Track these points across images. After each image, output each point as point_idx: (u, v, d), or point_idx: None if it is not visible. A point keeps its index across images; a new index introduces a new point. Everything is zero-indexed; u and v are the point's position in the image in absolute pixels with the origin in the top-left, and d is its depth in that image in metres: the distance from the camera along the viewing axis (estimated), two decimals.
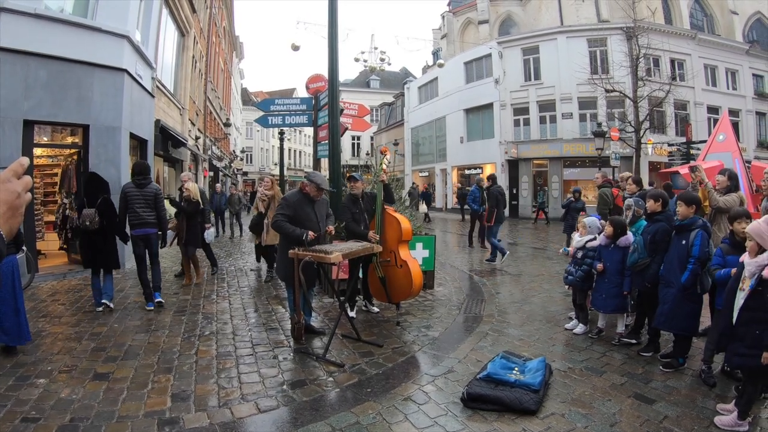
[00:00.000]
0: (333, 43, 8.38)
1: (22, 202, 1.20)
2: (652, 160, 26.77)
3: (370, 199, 7.10)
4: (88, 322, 6.76)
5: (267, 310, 7.60)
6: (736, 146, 9.45)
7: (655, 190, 6.64)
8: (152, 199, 7.46)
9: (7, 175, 1.19)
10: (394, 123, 48.16)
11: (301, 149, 69.53)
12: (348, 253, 5.55)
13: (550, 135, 29.41)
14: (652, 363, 5.34)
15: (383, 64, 21.24)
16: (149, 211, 7.41)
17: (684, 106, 28.71)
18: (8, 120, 9.02)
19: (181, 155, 19.40)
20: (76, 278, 9.58)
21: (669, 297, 5.13)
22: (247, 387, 4.68)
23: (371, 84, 61.30)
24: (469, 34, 40.74)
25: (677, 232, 5.25)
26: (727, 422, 3.88)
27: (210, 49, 27.36)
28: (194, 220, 9.37)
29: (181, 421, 3.97)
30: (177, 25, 18.43)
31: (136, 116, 11.85)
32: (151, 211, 7.42)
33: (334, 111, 8.54)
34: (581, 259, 6.46)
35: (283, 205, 5.94)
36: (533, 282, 9.88)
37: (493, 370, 4.64)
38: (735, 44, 31.24)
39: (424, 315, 7.33)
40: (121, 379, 4.80)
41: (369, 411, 4.18)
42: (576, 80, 27.34)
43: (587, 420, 4.01)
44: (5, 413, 3.99)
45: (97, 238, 7.19)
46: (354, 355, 5.55)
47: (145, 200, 7.41)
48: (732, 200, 6.17)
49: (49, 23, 9.44)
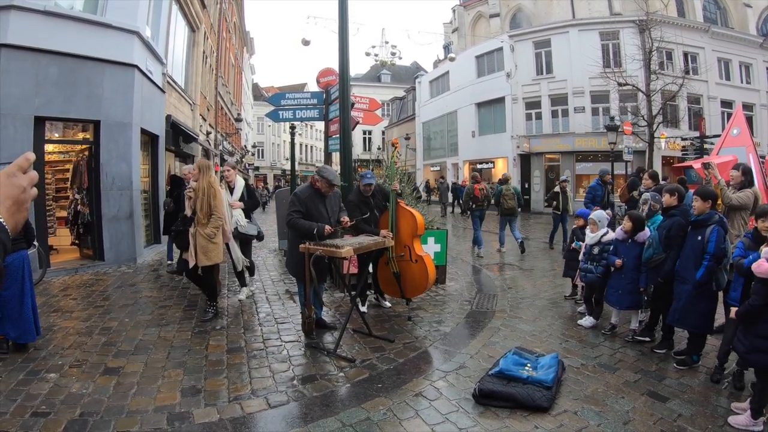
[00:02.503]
0: (344, 38, 8.33)
1: (27, 197, 1.19)
2: (665, 155, 26.49)
3: (382, 195, 7.06)
4: (99, 316, 6.79)
5: (278, 304, 7.59)
6: (751, 141, 9.32)
7: (672, 184, 6.54)
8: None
9: (12, 169, 1.17)
10: (405, 117, 48.06)
11: (312, 144, 69.68)
12: (359, 247, 5.52)
13: (562, 129, 29.18)
14: (666, 360, 5.28)
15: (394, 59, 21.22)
16: None
17: (697, 100, 28.36)
18: (19, 116, 9.08)
19: (193, 150, 19.46)
20: (88, 273, 9.64)
21: (683, 293, 5.05)
22: (257, 382, 4.67)
23: (382, 78, 61.21)
24: (480, 28, 40.48)
25: (693, 227, 5.16)
26: (741, 422, 3.82)
27: (220, 44, 27.41)
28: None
29: (191, 416, 3.97)
30: (187, 20, 18.46)
31: (147, 112, 11.89)
32: None
33: (345, 105, 8.50)
34: (599, 255, 6.38)
35: (295, 201, 5.88)
36: (545, 277, 9.82)
37: (505, 366, 4.60)
38: (749, 37, 30.79)
39: (435, 310, 7.30)
40: (132, 373, 4.81)
41: (380, 407, 4.16)
42: (588, 74, 27.07)
43: (600, 418, 3.96)
44: (15, 407, 4.01)
45: (173, 218, 8.99)
46: (365, 350, 5.53)
47: None
48: (745, 197, 6.06)
49: (60, 20, 9.49)
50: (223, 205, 6.85)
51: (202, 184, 6.54)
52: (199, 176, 6.62)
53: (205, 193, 6.53)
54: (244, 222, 7.80)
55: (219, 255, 6.69)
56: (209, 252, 6.53)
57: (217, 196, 6.64)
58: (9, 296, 5.18)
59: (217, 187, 6.76)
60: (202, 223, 6.54)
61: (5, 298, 5.14)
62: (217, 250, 6.66)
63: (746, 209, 6.08)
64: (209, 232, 6.51)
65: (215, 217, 6.57)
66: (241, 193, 7.93)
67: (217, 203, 6.61)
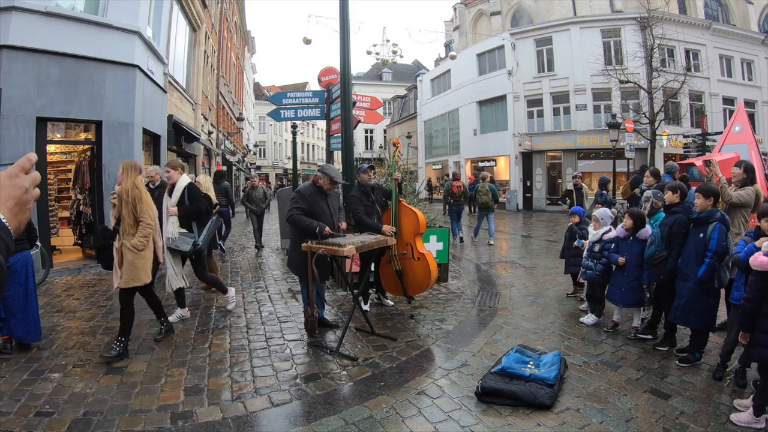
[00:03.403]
0: (345, 36, 8.33)
1: (29, 198, 1.19)
2: (667, 152, 26.46)
3: (382, 192, 7.07)
4: (103, 316, 6.81)
5: (280, 303, 7.60)
6: (753, 138, 9.33)
7: (674, 181, 6.52)
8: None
9: (14, 170, 1.18)
10: (407, 116, 48.03)
11: (314, 143, 69.64)
12: (361, 246, 5.52)
13: (564, 127, 29.15)
14: (668, 358, 5.28)
15: (395, 57, 21.14)
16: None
17: (699, 97, 28.35)
18: (21, 117, 9.09)
19: (195, 150, 19.49)
20: (91, 273, 9.65)
21: (686, 291, 5.05)
22: (260, 381, 4.68)
23: (384, 77, 61.23)
24: (482, 26, 40.43)
25: (695, 224, 5.15)
26: (743, 419, 3.82)
27: (222, 44, 27.40)
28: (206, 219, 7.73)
29: (194, 414, 3.98)
30: (188, 20, 18.48)
31: (149, 112, 11.91)
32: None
33: (347, 104, 8.51)
34: (599, 252, 6.39)
35: (297, 198, 5.90)
36: (547, 275, 9.81)
37: (507, 363, 4.60)
38: (751, 34, 30.73)
39: (437, 308, 7.30)
40: (135, 373, 4.83)
41: (382, 405, 4.17)
42: (590, 71, 27.10)
43: (602, 415, 3.97)
44: (19, 407, 4.03)
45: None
46: (367, 349, 5.54)
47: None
48: (747, 195, 6.03)
49: (61, 21, 9.50)
50: (151, 209, 5.60)
51: (125, 186, 5.44)
52: (123, 177, 5.52)
53: (129, 195, 5.38)
54: (176, 232, 6.44)
55: (147, 273, 5.49)
56: (137, 269, 5.37)
57: (144, 199, 5.49)
58: (13, 296, 5.20)
59: (143, 188, 5.59)
60: (129, 233, 5.45)
61: (9, 298, 5.17)
62: (147, 267, 5.48)
63: (747, 207, 6.06)
64: (136, 243, 5.37)
65: (143, 225, 5.42)
66: (179, 195, 6.54)
67: (143, 207, 5.44)
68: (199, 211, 6.72)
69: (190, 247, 6.44)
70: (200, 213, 6.77)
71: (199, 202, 6.69)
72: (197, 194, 6.70)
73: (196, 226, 6.73)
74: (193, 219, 6.73)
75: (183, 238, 6.46)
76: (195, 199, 6.65)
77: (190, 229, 6.69)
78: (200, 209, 6.73)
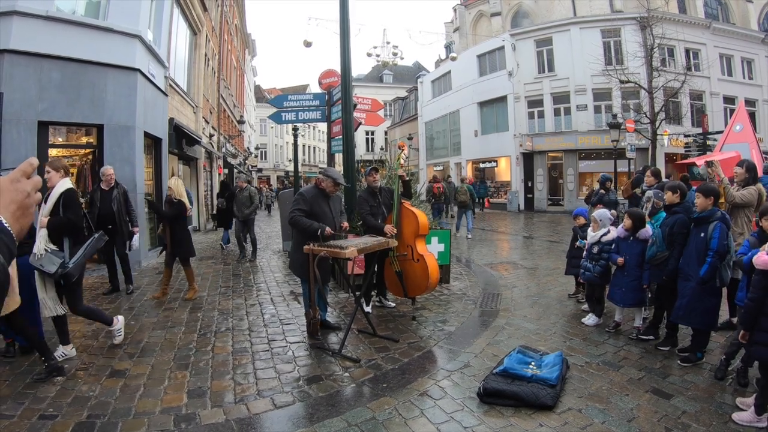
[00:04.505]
0: (345, 39, 8.36)
1: (31, 202, 1.21)
2: (668, 152, 26.46)
3: (388, 194, 7.09)
4: None
5: (283, 305, 7.61)
6: (753, 137, 9.34)
7: (674, 181, 6.52)
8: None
9: (16, 174, 1.19)
10: (407, 117, 47.99)
11: (315, 145, 69.62)
12: (363, 248, 5.54)
13: (564, 127, 29.15)
14: (670, 357, 5.28)
15: (396, 59, 21.14)
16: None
17: (700, 96, 28.33)
18: (23, 121, 9.13)
19: (196, 153, 19.51)
20: (93, 276, 9.66)
21: (687, 291, 5.05)
22: (263, 383, 4.69)
23: (384, 79, 61.19)
24: (482, 27, 40.46)
25: (696, 224, 5.16)
26: (745, 418, 3.83)
27: (222, 47, 27.42)
28: (181, 226, 8.05)
29: (197, 417, 4.00)
30: (189, 23, 18.50)
31: (150, 115, 11.93)
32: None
33: (348, 106, 8.52)
34: (598, 254, 6.40)
35: (300, 200, 5.93)
36: (549, 276, 9.81)
37: (509, 364, 4.61)
38: (751, 33, 30.73)
39: (440, 309, 7.31)
40: (138, 375, 4.84)
41: (385, 406, 4.17)
42: (590, 71, 27.11)
43: (604, 415, 3.97)
44: (23, 411, 4.04)
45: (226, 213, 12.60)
46: (370, 351, 5.55)
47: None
48: (749, 195, 6.03)
49: (61, 25, 9.53)
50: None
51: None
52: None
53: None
54: (42, 249, 5.02)
55: (15, 297, 4.47)
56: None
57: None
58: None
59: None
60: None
61: None
62: (12, 288, 4.35)
63: (750, 207, 6.06)
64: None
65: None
66: (53, 203, 5.14)
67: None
68: (72, 225, 5.20)
69: (56, 268, 4.98)
70: (73, 227, 5.25)
71: (73, 214, 5.19)
72: (73, 203, 5.22)
73: (68, 244, 5.23)
74: (65, 234, 5.23)
75: (50, 257, 5.01)
76: (70, 208, 5.17)
77: (62, 246, 5.21)
78: (73, 222, 5.20)
